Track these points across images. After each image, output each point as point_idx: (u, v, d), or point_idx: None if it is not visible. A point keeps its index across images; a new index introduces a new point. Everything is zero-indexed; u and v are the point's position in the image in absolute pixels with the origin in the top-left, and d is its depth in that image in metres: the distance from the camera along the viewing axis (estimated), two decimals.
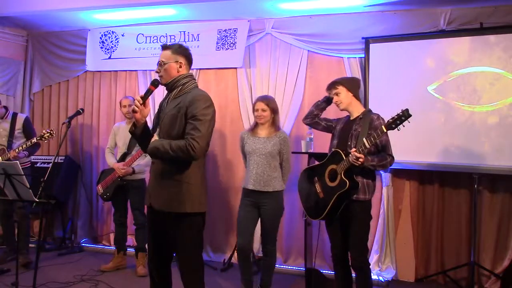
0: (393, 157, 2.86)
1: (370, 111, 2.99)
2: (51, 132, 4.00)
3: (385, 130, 2.64)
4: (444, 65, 3.82)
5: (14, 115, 4.35)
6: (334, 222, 2.97)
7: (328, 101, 3.18)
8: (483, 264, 3.82)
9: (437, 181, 4.00)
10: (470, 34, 3.75)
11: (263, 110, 3.44)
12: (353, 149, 2.71)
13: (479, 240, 3.85)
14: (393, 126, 2.61)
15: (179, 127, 2.39)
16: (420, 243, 4.07)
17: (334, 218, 2.90)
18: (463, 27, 3.84)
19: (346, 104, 2.98)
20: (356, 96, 3.01)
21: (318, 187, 2.96)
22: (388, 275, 4.00)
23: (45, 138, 4.00)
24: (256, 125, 3.53)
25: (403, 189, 4.12)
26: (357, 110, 2.99)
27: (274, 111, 3.49)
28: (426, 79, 3.87)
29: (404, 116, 2.59)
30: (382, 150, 2.85)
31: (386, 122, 2.66)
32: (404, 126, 2.62)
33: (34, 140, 4.03)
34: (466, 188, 3.91)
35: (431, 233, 4.02)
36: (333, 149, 2.92)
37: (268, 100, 3.48)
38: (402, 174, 4.10)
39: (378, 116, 2.92)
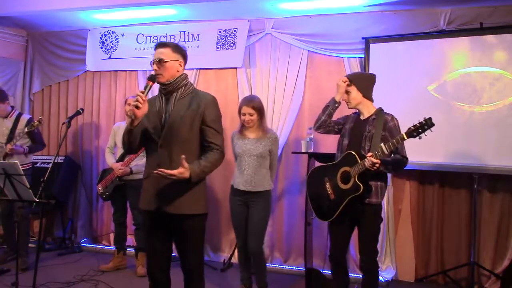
0: (407, 158, 2.80)
1: (382, 110, 2.92)
2: (40, 120, 4.10)
3: (406, 138, 2.58)
4: (444, 65, 3.81)
5: (19, 115, 4.38)
6: (341, 223, 2.91)
7: (336, 105, 3.04)
8: (483, 264, 3.82)
9: (437, 181, 4.00)
10: (470, 34, 3.75)
11: (250, 115, 3.37)
12: (369, 154, 2.63)
13: (479, 240, 3.85)
14: (414, 134, 2.54)
15: (193, 130, 2.38)
16: (420, 243, 4.06)
17: (342, 220, 2.86)
18: (463, 27, 3.83)
19: (355, 104, 2.92)
20: (368, 96, 2.92)
21: (328, 187, 2.88)
22: (388, 275, 4.00)
23: (34, 126, 4.09)
24: (243, 127, 3.48)
25: (403, 189, 4.12)
26: (367, 109, 2.92)
27: (261, 112, 3.42)
28: (426, 79, 3.87)
29: (427, 125, 2.52)
30: (396, 152, 2.77)
31: (407, 129, 2.59)
32: (426, 135, 2.54)
33: (25, 130, 4.13)
34: (466, 188, 3.90)
35: (431, 233, 4.02)
36: (347, 151, 2.82)
37: (253, 102, 3.39)
38: (402, 174, 4.09)
39: (392, 116, 2.87)
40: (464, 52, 3.76)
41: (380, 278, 3.92)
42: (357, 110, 2.98)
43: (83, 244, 5.05)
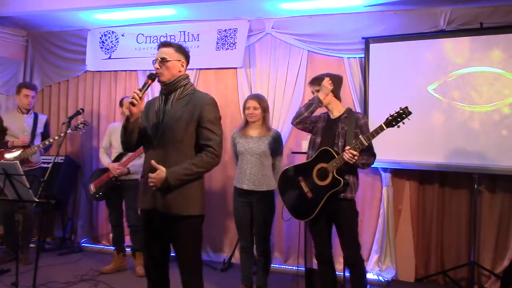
0: (375, 155, 2.91)
1: (351, 109, 3.03)
2: (85, 122, 4.31)
3: (385, 128, 2.67)
4: (444, 65, 3.81)
5: (36, 114, 4.53)
6: (319, 221, 2.97)
7: (320, 103, 3.03)
8: (483, 264, 3.82)
9: (437, 181, 4.00)
10: (470, 34, 3.75)
11: (255, 108, 3.42)
12: (348, 147, 2.71)
13: (479, 240, 3.85)
14: (393, 123, 2.64)
15: (188, 131, 2.36)
16: (420, 243, 4.07)
17: (319, 218, 2.91)
18: (463, 27, 3.84)
19: (327, 102, 2.99)
20: (337, 95, 3.03)
21: (304, 186, 2.93)
22: (388, 275, 4.00)
23: (79, 128, 4.26)
24: (246, 125, 3.51)
25: (403, 189, 4.12)
26: (337, 108, 3.01)
27: (265, 110, 3.47)
28: (426, 79, 3.87)
29: (404, 113, 2.61)
30: (367, 149, 2.83)
31: (385, 119, 2.67)
32: (404, 123, 2.63)
33: (69, 131, 4.22)
34: (466, 188, 3.91)
35: (431, 233, 4.02)
36: (322, 148, 2.89)
37: (259, 99, 3.47)
38: (402, 174, 4.10)
39: (363, 115, 3.01)
40: (464, 52, 3.75)
41: (380, 278, 3.94)
42: (327, 110, 3.06)
43: (83, 244, 5.05)
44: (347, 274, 3.55)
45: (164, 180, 2.29)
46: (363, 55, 4.10)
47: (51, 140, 4.28)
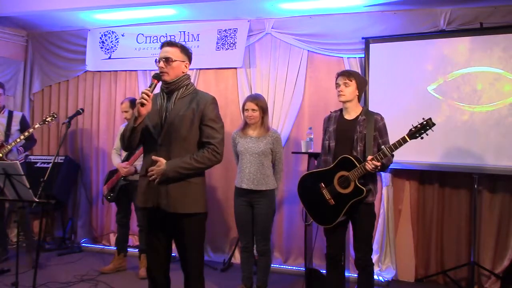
0: (393, 155, 2.87)
1: (368, 109, 2.98)
2: (53, 115, 4.13)
3: (408, 140, 2.64)
4: (444, 65, 3.82)
5: (10, 112, 4.45)
6: (337, 225, 2.94)
7: None
8: (483, 264, 3.82)
9: (437, 181, 4.00)
10: (470, 34, 3.75)
11: (253, 110, 3.42)
12: (370, 157, 2.69)
13: (479, 240, 3.85)
14: (417, 135, 2.62)
15: (193, 129, 2.40)
16: (420, 243, 4.07)
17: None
18: (463, 27, 3.84)
19: (348, 98, 2.91)
20: (360, 96, 2.98)
21: (326, 193, 2.89)
22: (388, 275, 4.00)
23: (47, 121, 4.10)
24: (246, 125, 3.52)
25: (403, 189, 4.12)
26: (355, 109, 2.95)
27: (264, 110, 3.47)
28: (426, 79, 3.87)
29: (428, 125, 2.60)
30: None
31: (409, 131, 2.65)
32: (427, 135, 2.62)
33: (37, 125, 4.14)
34: (466, 188, 3.90)
35: (431, 233, 4.02)
36: (342, 156, 2.83)
37: (257, 100, 3.45)
38: (402, 174, 4.10)
39: (381, 116, 2.91)
40: (464, 52, 3.75)
41: (380, 278, 3.94)
42: (343, 107, 2.98)
43: (83, 244, 5.05)
44: (346, 274, 3.57)
45: (163, 171, 2.32)
46: (363, 55, 4.10)
47: (21, 137, 4.19)
